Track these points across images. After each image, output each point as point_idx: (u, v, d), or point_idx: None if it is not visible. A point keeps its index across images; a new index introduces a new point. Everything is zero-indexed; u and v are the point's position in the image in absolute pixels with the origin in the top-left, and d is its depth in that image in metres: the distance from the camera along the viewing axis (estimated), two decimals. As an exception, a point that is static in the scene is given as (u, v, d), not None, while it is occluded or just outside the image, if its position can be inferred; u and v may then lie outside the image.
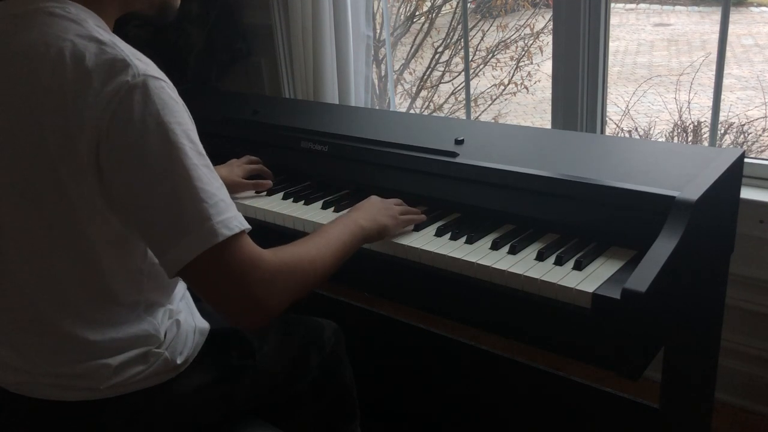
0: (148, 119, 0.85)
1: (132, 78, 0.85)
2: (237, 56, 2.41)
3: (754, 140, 3.19)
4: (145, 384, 1.03)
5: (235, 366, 1.15)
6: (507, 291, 1.09)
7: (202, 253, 0.85)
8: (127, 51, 0.88)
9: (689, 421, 1.48)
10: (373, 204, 1.23)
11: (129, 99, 0.84)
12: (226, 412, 1.15)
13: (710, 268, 1.30)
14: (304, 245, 1.00)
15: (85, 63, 0.86)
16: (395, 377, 1.90)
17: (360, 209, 1.20)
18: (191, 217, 0.85)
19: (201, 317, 1.14)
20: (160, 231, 0.87)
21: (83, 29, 0.89)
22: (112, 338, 0.99)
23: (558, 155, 1.36)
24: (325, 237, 1.05)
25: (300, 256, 0.97)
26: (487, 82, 3.90)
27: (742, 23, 5.16)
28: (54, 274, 0.94)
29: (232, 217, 0.88)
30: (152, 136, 0.85)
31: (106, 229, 0.92)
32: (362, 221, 1.15)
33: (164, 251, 0.87)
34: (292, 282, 0.93)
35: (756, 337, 1.69)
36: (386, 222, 1.20)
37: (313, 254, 0.99)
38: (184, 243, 0.85)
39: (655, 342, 1.06)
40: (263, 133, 1.66)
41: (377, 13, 2.98)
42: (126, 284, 0.98)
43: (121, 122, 0.84)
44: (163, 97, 0.87)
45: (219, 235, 0.85)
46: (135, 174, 0.86)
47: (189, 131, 0.89)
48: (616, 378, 1.01)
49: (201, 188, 0.86)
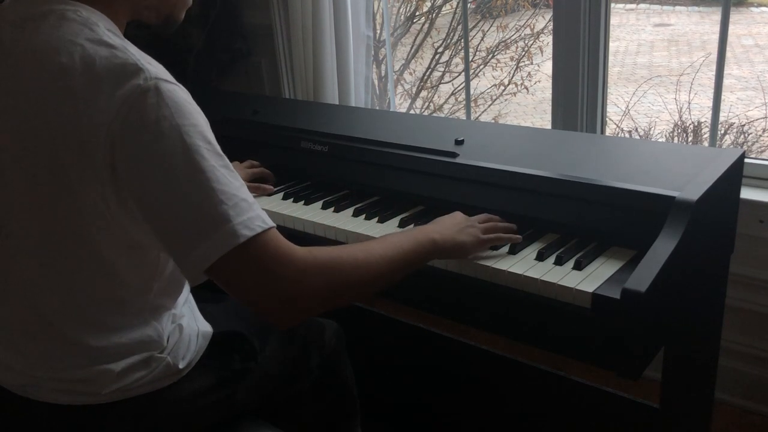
0: (163, 122, 0.83)
1: (144, 81, 0.84)
2: (237, 56, 2.41)
3: (754, 140, 3.19)
4: (147, 389, 1.02)
5: (237, 369, 1.15)
6: (507, 291, 1.09)
7: (224, 255, 0.84)
8: (138, 55, 0.87)
9: (689, 421, 1.48)
10: (455, 219, 1.16)
11: (142, 103, 0.83)
12: (228, 414, 1.15)
13: (710, 268, 1.30)
14: (350, 247, 0.97)
15: (96, 67, 0.85)
16: (395, 377, 1.90)
17: (438, 223, 1.14)
18: (211, 220, 0.84)
19: (204, 321, 1.14)
20: (180, 235, 0.85)
21: (94, 33, 0.88)
22: (116, 344, 0.99)
23: (558, 155, 1.36)
24: (381, 242, 1.01)
25: (340, 256, 0.93)
26: (487, 83, 3.90)
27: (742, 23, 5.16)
28: (61, 280, 0.94)
29: (254, 217, 0.86)
30: (167, 139, 0.83)
31: (119, 235, 0.91)
32: (435, 235, 1.08)
33: (185, 255, 0.85)
34: (328, 281, 0.90)
35: (756, 337, 1.69)
36: (464, 240, 1.12)
37: (359, 257, 0.95)
38: (205, 246, 0.84)
39: (655, 342, 1.06)
40: (263, 133, 1.66)
41: (377, 13, 2.98)
42: (135, 290, 0.98)
43: (135, 126, 0.83)
44: (176, 100, 0.85)
45: (240, 237, 0.84)
46: (152, 178, 0.84)
47: (205, 132, 0.87)
48: (616, 378, 1.01)
49: (220, 190, 0.84)
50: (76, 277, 0.94)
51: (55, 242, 0.91)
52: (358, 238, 1.26)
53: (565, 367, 1.62)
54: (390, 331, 1.90)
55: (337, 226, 1.29)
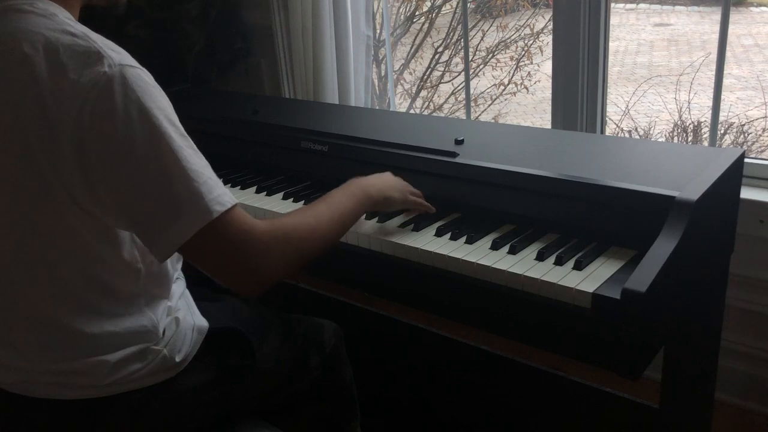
0: (130, 107, 0.86)
1: (109, 68, 0.86)
2: (237, 56, 2.41)
3: (754, 140, 3.19)
4: (144, 382, 1.03)
5: (235, 366, 1.15)
6: (507, 291, 1.09)
7: (198, 231, 0.88)
8: (100, 42, 0.89)
9: (689, 421, 1.48)
10: (387, 178, 1.25)
11: (109, 89, 0.85)
12: (226, 411, 1.15)
13: (710, 268, 1.30)
14: (302, 214, 1.03)
15: (60, 56, 0.86)
16: (395, 377, 1.90)
17: (371, 178, 1.22)
18: (185, 198, 0.88)
19: (200, 316, 1.14)
20: (152, 216, 0.88)
21: (53, 23, 0.90)
22: (110, 332, 0.99)
23: (558, 155, 1.36)
24: (327, 204, 1.07)
25: (297, 224, 0.99)
26: (487, 82, 3.90)
27: (742, 23, 5.16)
28: (48, 268, 0.95)
29: (223, 193, 0.91)
30: (136, 123, 0.86)
31: (91, 221, 0.92)
32: (371, 189, 1.17)
33: (157, 234, 0.89)
34: (289, 250, 0.96)
35: (756, 337, 1.69)
36: (394, 195, 1.22)
37: (312, 222, 1.01)
38: (182, 223, 0.88)
39: (655, 342, 1.06)
40: (263, 133, 1.66)
41: (377, 13, 2.98)
42: (120, 275, 0.99)
43: (103, 113, 0.85)
44: (141, 85, 0.88)
45: (213, 212, 0.88)
46: (122, 162, 0.87)
47: (170, 115, 0.90)
48: (616, 378, 1.01)
49: (190, 169, 0.88)
50: (62, 264, 0.94)
51: (35, 230, 0.92)
52: (358, 238, 1.27)
53: (564, 367, 1.62)
54: (389, 330, 1.90)
55: (337, 226, 1.29)
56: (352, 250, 1.28)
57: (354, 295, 2.02)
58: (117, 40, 0.94)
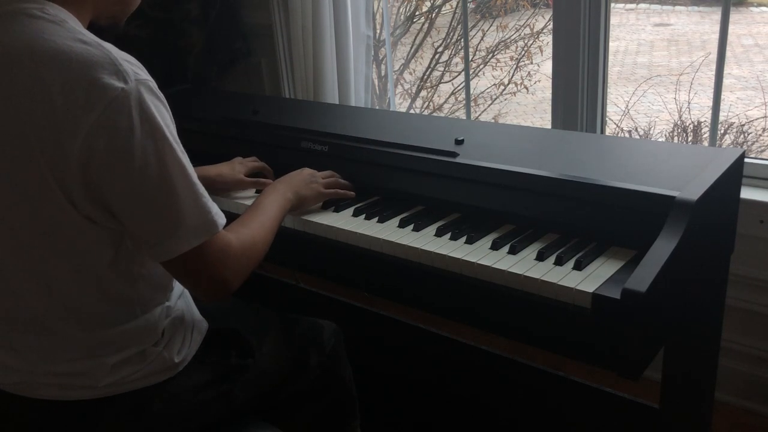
0: (144, 124, 0.87)
1: (125, 84, 0.86)
2: (237, 56, 2.41)
3: (754, 140, 3.19)
4: (143, 383, 1.03)
5: (234, 365, 1.15)
6: (507, 291, 1.09)
7: (205, 242, 0.93)
8: (115, 53, 0.88)
9: (689, 421, 1.48)
10: (301, 175, 1.34)
11: (125, 105, 0.85)
12: (226, 411, 1.15)
13: (710, 268, 1.30)
14: (252, 226, 1.09)
15: (72, 64, 0.85)
16: (395, 377, 1.90)
17: (287, 182, 1.30)
18: (194, 212, 0.92)
19: (200, 316, 1.14)
20: (156, 226, 0.91)
21: (65, 30, 0.89)
22: (109, 335, 0.99)
23: (558, 155, 1.36)
24: (266, 216, 1.15)
25: (254, 238, 1.06)
26: (487, 82, 3.90)
27: (742, 23, 5.16)
28: (48, 275, 0.95)
29: (218, 210, 0.97)
30: (148, 139, 0.87)
31: (91, 226, 0.92)
32: (289, 194, 1.26)
33: (158, 242, 0.92)
34: (251, 262, 1.04)
35: (756, 337, 1.69)
36: (307, 194, 1.31)
37: (261, 235, 1.09)
38: (184, 235, 0.91)
39: (655, 342, 1.06)
40: (263, 133, 1.66)
41: (377, 13, 2.98)
42: (120, 279, 0.99)
43: (117, 127, 0.86)
44: (155, 102, 0.89)
45: (218, 225, 0.96)
46: (131, 174, 0.87)
47: (173, 131, 0.93)
48: (616, 378, 1.01)
49: (195, 183, 0.93)
50: (61, 271, 0.94)
51: (36, 237, 0.92)
52: (359, 238, 1.26)
53: (565, 367, 1.62)
54: (389, 330, 1.90)
55: (337, 226, 1.29)
56: (352, 250, 1.28)
57: (354, 295, 2.02)
58: (117, 40, 0.94)
